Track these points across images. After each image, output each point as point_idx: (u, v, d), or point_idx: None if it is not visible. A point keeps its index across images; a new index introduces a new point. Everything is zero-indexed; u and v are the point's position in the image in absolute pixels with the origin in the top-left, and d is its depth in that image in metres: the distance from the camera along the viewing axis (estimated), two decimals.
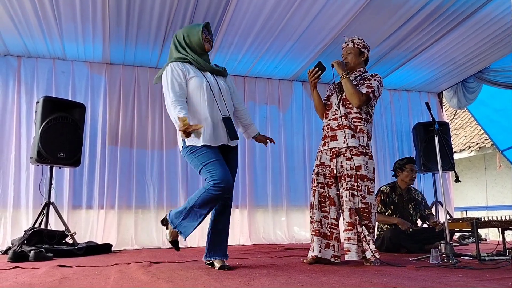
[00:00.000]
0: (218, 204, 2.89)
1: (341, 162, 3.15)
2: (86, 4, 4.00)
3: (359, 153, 3.11)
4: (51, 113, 4.30)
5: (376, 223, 4.34)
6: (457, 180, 3.54)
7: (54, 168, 4.47)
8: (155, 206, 5.13)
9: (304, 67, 5.52)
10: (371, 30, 4.59)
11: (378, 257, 2.98)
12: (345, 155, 3.13)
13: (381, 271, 2.71)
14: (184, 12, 4.17)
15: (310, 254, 3.16)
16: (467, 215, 7.25)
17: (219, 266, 2.80)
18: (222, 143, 2.83)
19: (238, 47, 4.93)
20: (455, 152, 9.56)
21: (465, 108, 6.63)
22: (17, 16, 4.11)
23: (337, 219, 3.18)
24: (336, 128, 3.21)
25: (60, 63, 5.07)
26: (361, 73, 3.33)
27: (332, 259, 3.11)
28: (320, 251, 3.12)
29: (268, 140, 3.23)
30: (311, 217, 3.24)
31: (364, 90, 3.17)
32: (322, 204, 3.21)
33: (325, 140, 3.28)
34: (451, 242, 3.19)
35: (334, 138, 3.21)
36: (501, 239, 3.52)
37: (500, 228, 3.47)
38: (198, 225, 2.72)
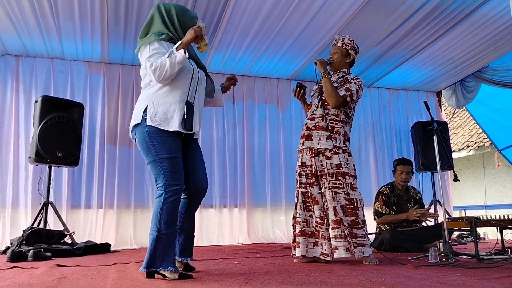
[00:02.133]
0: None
1: (321, 161, 3.17)
2: (85, 3, 3.99)
3: (338, 151, 3.14)
4: (50, 112, 4.29)
5: (376, 223, 4.38)
6: (455, 179, 3.54)
7: (52, 167, 4.47)
8: (154, 205, 5.11)
9: (303, 66, 5.52)
10: (370, 29, 4.60)
11: (370, 253, 3.03)
12: (325, 154, 3.16)
13: (380, 270, 2.72)
14: None
15: (296, 254, 3.19)
16: (465, 214, 7.27)
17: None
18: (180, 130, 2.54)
19: (236, 46, 4.93)
20: (453, 151, 9.56)
21: (464, 107, 6.63)
22: (15, 15, 4.10)
23: (321, 217, 3.16)
24: (313, 128, 3.25)
25: (59, 63, 5.06)
26: (344, 74, 3.35)
27: (321, 257, 3.11)
28: (307, 251, 3.17)
29: (233, 79, 3.03)
30: (294, 217, 3.29)
31: (342, 92, 3.18)
32: (307, 204, 3.24)
33: (303, 139, 3.30)
34: (449, 241, 3.20)
35: (309, 137, 3.25)
36: (499, 238, 3.53)
37: (498, 227, 3.47)
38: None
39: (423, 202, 4.56)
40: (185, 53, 2.47)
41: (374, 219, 4.35)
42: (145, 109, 2.53)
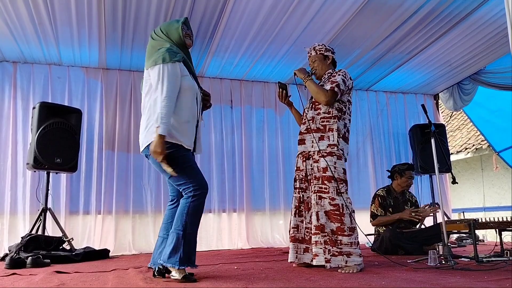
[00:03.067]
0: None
1: (311, 164, 3.13)
2: (82, 9, 4.00)
3: (325, 154, 3.05)
4: (48, 118, 4.29)
5: (376, 225, 4.37)
6: (454, 181, 3.56)
7: (51, 173, 4.46)
8: (153, 211, 5.11)
9: None
10: (366, 33, 4.62)
11: (356, 262, 2.86)
12: (313, 157, 3.12)
13: (380, 273, 2.71)
14: (180, 17, 4.16)
15: (288, 259, 3.17)
16: (464, 216, 7.27)
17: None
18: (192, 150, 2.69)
19: (234, 51, 4.94)
20: (451, 153, 9.57)
21: (461, 110, 6.65)
22: (12, 22, 4.11)
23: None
24: (305, 132, 3.23)
25: (56, 69, 5.06)
26: (329, 74, 3.30)
27: (312, 262, 3.02)
28: (296, 257, 3.14)
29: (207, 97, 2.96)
30: (290, 222, 3.26)
31: (328, 86, 3.12)
32: (299, 209, 3.20)
33: (299, 145, 3.29)
34: (448, 244, 3.20)
35: (302, 142, 3.24)
36: (498, 240, 3.53)
37: (497, 229, 3.48)
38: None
39: (419, 206, 4.56)
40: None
41: (370, 221, 4.35)
42: None
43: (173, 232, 2.50)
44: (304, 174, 3.18)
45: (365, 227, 4.00)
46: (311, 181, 3.10)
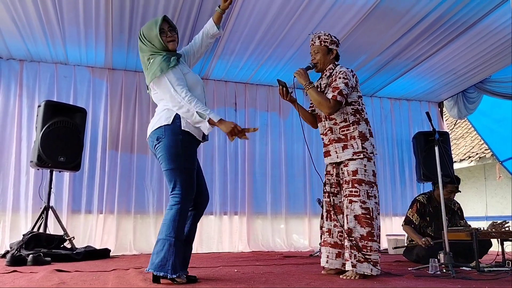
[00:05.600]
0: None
1: (342, 169, 3.06)
2: (90, 9, 4.02)
3: (355, 157, 2.98)
4: (52, 117, 4.31)
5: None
6: (457, 190, 3.54)
7: (54, 172, 4.47)
8: (154, 212, 5.12)
9: None
10: (372, 39, 4.62)
11: (377, 273, 2.83)
12: (343, 162, 3.05)
13: (380, 281, 2.70)
14: (186, 19, 4.19)
15: (321, 264, 3.09)
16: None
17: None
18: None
19: (240, 54, 4.95)
20: (455, 161, 9.55)
21: (465, 118, 6.63)
22: (20, 20, 4.13)
23: None
24: (328, 143, 3.14)
25: (62, 68, 5.08)
26: (331, 71, 3.13)
27: (343, 268, 2.98)
28: (327, 261, 3.03)
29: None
30: (320, 227, 3.18)
31: (330, 95, 2.97)
32: (330, 213, 3.11)
33: (325, 157, 3.20)
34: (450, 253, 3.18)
35: (327, 154, 3.15)
36: (500, 250, 3.51)
37: (499, 239, 3.46)
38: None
39: (462, 213, 4.29)
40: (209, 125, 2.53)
41: (402, 225, 4.20)
42: (177, 114, 2.55)
43: (163, 239, 2.43)
44: (335, 179, 3.13)
45: None
46: (342, 185, 3.02)
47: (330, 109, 2.96)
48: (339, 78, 3.01)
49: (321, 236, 3.17)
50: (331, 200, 3.12)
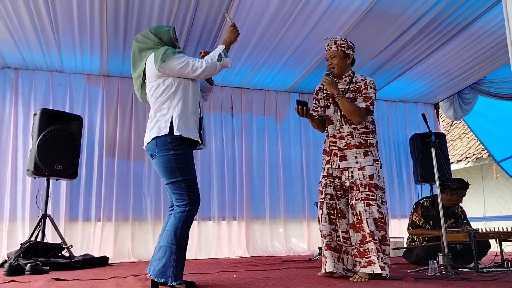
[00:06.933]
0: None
1: (352, 172, 3.02)
2: (84, 17, 4.02)
3: (374, 165, 3.02)
4: (48, 125, 4.30)
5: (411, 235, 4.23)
6: (454, 191, 3.54)
7: (51, 180, 4.46)
8: (152, 218, 5.10)
9: (301, 79, 5.55)
10: (367, 42, 4.63)
11: (387, 273, 2.83)
12: (356, 165, 3.03)
13: (379, 283, 2.70)
14: (181, 25, 4.19)
15: (324, 269, 3.05)
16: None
17: None
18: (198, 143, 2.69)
19: (235, 59, 4.93)
20: (452, 162, 9.57)
21: (462, 119, 6.66)
22: (15, 28, 4.13)
23: (346, 232, 3.04)
24: (345, 148, 3.08)
25: (58, 75, 5.07)
26: (350, 78, 3.16)
27: (343, 273, 3.01)
28: (334, 266, 3.00)
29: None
30: (320, 230, 3.12)
31: (363, 104, 3.04)
32: (332, 217, 3.08)
33: (334, 158, 3.11)
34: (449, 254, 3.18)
35: (343, 158, 3.08)
36: (499, 250, 3.52)
37: (498, 240, 3.47)
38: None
39: (466, 217, 4.26)
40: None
41: (408, 229, 4.17)
42: (171, 121, 2.54)
43: (165, 246, 2.43)
44: (340, 183, 3.10)
45: None
46: (354, 188, 2.99)
47: (362, 118, 3.05)
48: (370, 88, 3.09)
49: (322, 240, 3.12)
50: (333, 203, 3.09)
